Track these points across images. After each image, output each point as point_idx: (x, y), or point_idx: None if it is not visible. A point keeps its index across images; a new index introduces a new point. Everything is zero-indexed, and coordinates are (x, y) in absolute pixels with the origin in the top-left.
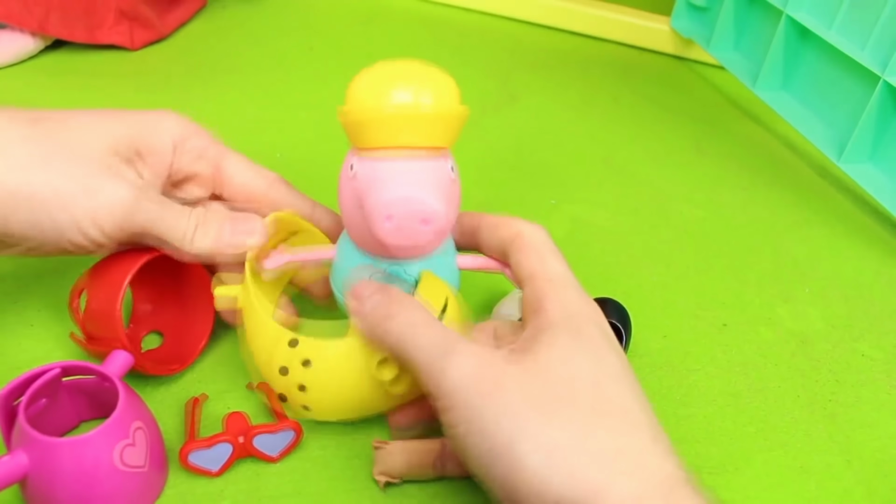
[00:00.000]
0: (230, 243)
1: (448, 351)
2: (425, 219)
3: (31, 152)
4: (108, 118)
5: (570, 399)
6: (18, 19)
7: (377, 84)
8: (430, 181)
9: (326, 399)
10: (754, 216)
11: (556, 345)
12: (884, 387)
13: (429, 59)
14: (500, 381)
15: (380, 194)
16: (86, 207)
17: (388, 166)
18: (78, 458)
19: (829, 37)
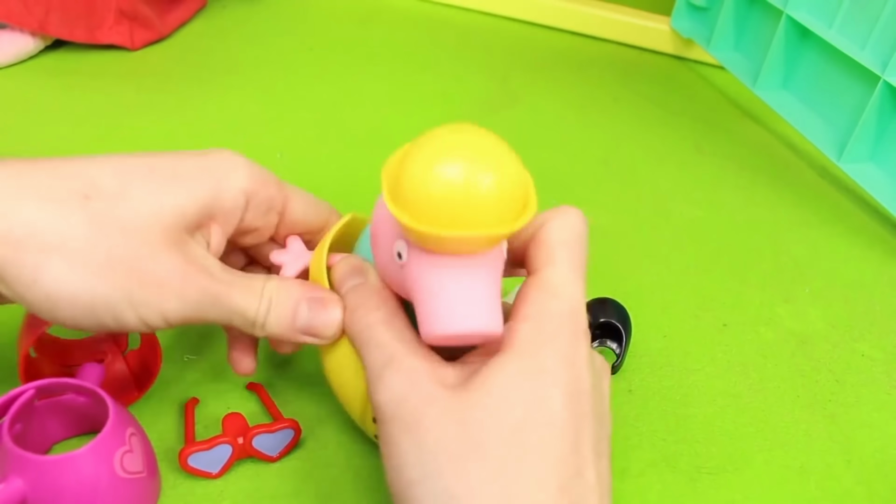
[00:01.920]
0: (305, 332)
1: (387, 363)
2: (484, 339)
3: (89, 249)
4: (170, 184)
5: (485, 446)
6: (18, 19)
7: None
8: (489, 297)
9: None
10: (754, 216)
11: (499, 377)
12: (884, 387)
13: (428, 59)
14: (421, 414)
15: (438, 319)
16: (153, 304)
17: (445, 275)
18: (80, 472)
19: (829, 36)
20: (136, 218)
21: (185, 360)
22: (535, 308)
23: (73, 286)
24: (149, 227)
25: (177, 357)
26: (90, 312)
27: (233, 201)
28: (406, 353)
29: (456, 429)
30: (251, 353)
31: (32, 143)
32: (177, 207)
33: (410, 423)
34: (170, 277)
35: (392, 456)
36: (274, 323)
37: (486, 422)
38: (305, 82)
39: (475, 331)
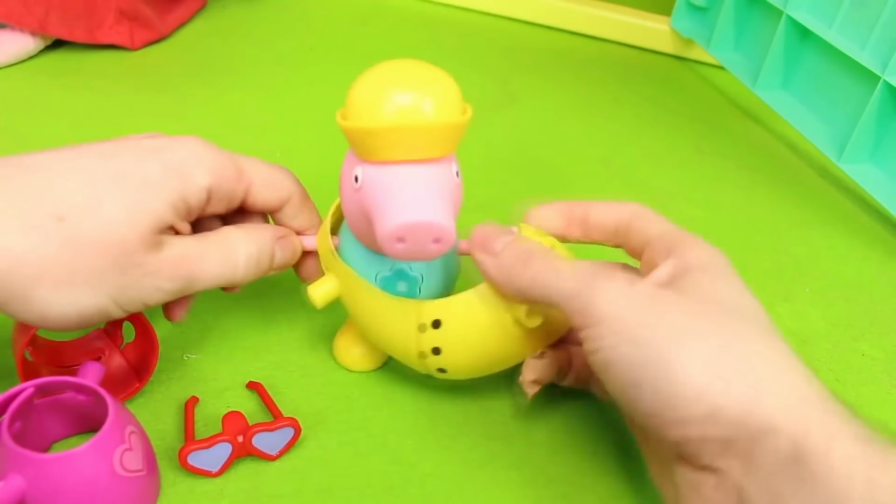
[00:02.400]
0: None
1: (596, 278)
2: (437, 238)
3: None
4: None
5: (721, 320)
6: (18, 19)
7: (380, 94)
8: (438, 195)
9: (463, 357)
10: (754, 216)
11: (700, 284)
12: (885, 386)
13: (429, 59)
14: (652, 302)
15: (389, 217)
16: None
17: (395, 178)
18: (79, 470)
19: (829, 37)
20: (110, 232)
21: (185, 358)
22: (690, 244)
23: (61, 306)
24: (124, 238)
25: (176, 356)
26: (82, 320)
27: (196, 198)
28: (609, 269)
29: (694, 305)
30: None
31: (32, 143)
32: (149, 214)
33: (646, 303)
34: (151, 277)
35: (625, 334)
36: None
37: (716, 301)
38: (305, 82)
39: (424, 221)
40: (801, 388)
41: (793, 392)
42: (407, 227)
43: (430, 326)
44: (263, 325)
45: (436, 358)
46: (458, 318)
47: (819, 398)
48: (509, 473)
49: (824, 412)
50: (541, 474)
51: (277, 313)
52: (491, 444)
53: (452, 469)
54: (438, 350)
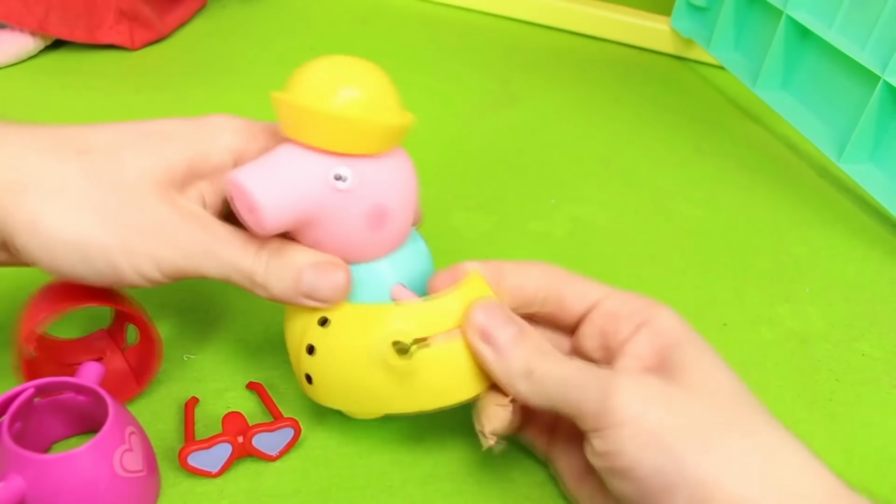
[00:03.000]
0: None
1: (611, 376)
2: (250, 208)
3: (85, 195)
4: (160, 143)
5: (731, 413)
6: (18, 19)
7: (299, 75)
8: (282, 174)
9: (330, 371)
10: (754, 216)
11: (698, 367)
12: (884, 386)
13: (429, 59)
14: (669, 398)
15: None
16: (146, 253)
17: (276, 149)
18: (79, 471)
19: (829, 37)
20: (127, 173)
21: (185, 359)
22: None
23: (68, 230)
24: (140, 181)
25: (177, 356)
26: (85, 258)
27: (219, 159)
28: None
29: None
30: None
31: None
32: (167, 164)
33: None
34: (161, 225)
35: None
36: (276, 285)
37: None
38: None
39: (236, 180)
40: (829, 486)
41: (824, 492)
42: (228, 181)
43: (317, 324)
44: (263, 325)
45: (308, 359)
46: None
47: (846, 493)
48: (510, 473)
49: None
50: (542, 474)
51: (278, 313)
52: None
53: (452, 469)
54: (312, 349)
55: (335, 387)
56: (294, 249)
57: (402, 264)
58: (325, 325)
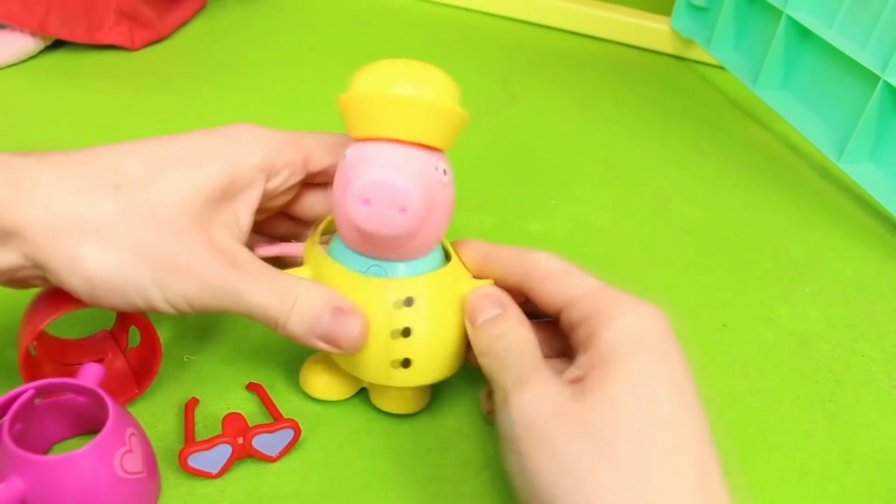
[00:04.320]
0: (325, 337)
1: (517, 384)
2: (402, 206)
3: (121, 235)
4: (193, 169)
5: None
6: (18, 19)
7: (378, 74)
8: (412, 168)
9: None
10: (754, 216)
11: (611, 386)
12: (884, 387)
13: (429, 59)
14: (553, 429)
15: (359, 178)
16: (179, 289)
17: (375, 150)
18: (80, 472)
19: (829, 37)
20: (162, 205)
21: (185, 360)
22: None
23: (106, 269)
24: (175, 213)
25: (177, 357)
26: (122, 293)
27: (250, 177)
28: (536, 373)
29: (588, 441)
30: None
31: (32, 144)
32: (201, 192)
33: (543, 439)
34: (194, 264)
35: (527, 472)
36: (295, 325)
37: (614, 429)
38: (305, 82)
39: (388, 180)
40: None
41: None
42: (372, 184)
43: (402, 304)
44: (263, 326)
45: (405, 342)
46: (430, 293)
47: None
48: None
49: None
50: None
51: None
52: (492, 446)
53: (453, 470)
54: (409, 331)
55: (439, 356)
56: (318, 290)
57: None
58: (411, 305)
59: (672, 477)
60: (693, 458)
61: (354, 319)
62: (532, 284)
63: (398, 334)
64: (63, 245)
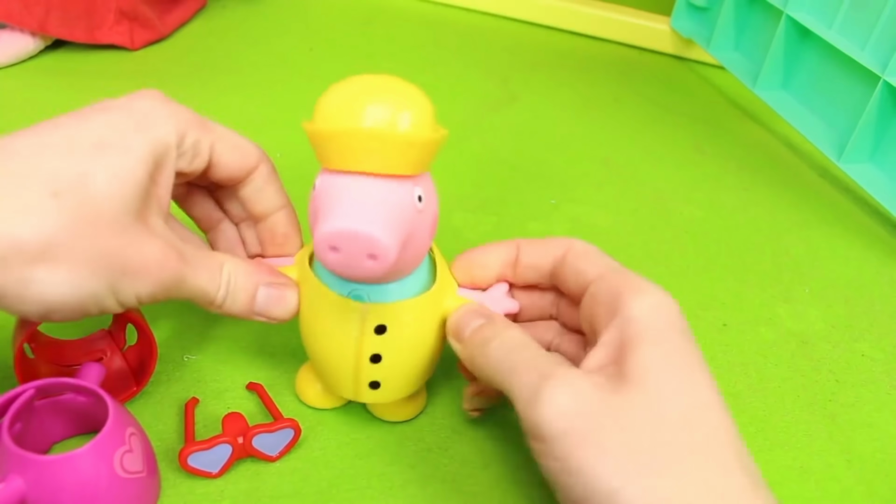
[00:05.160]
0: (261, 313)
1: (542, 382)
2: (372, 254)
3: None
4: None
5: (672, 445)
6: (18, 19)
7: (344, 100)
8: (383, 209)
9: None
10: (754, 216)
11: (652, 377)
12: (884, 387)
13: (429, 59)
14: (597, 422)
15: (324, 222)
16: (130, 288)
17: (343, 186)
18: (80, 472)
19: (829, 37)
20: (105, 204)
21: (185, 360)
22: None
23: (61, 290)
24: (118, 211)
25: (177, 357)
26: (80, 308)
27: (167, 157)
28: (558, 367)
29: (638, 428)
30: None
31: None
32: (138, 184)
33: (590, 429)
34: (148, 265)
35: (578, 471)
36: (231, 304)
37: (662, 415)
38: (305, 82)
39: (354, 230)
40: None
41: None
42: (337, 234)
43: (373, 332)
44: (264, 326)
45: (374, 367)
46: (404, 321)
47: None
48: (512, 474)
49: None
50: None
51: None
52: (492, 445)
53: (452, 470)
54: (378, 357)
55: (408, 378)
56: (250, 270)
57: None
58: (383, 333)
59: (720, 458)
60: (733, 438)
61: (286, 290)
62: (569, 260)
63: (367, 359)
64: (12, 270)
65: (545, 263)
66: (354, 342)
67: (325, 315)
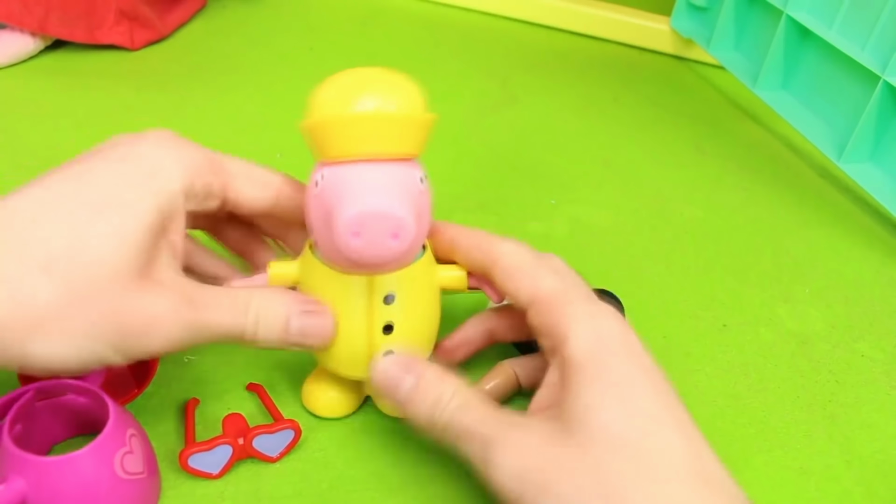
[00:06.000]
0: (297, 343)
1: (489, 446)
2: (395, 233)
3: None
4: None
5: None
6: (18, 19)
7: (340, 91)
8: (398, 190)
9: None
10: (754, 216)
11: (590, 409)
12: (884, 387)
13: (429, 59)
14: (548, 475)
15: (346, 208)
16: (139, 347)
17: (354, 174)
18: (80, 473)
19: (829, 37)
20: (101, 271)
21: (185, 360)
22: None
23: (61, 357)
24: (116, 273)
25: (177, 357)
26: (83, 368)
27: (175, 206)
28: (502, 429)
29: (591, 476)
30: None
31: (32, 144)
32: (139, 243)
33: (543, 487)
34: (155, 321)
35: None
36: (265, 336)
37: (608, 460)
38: (305, 82)
39: (381, 210)
40: None
41: None
42: (363, 216)
43: (383, 301)
44: None
45: (387, 337)
46: (408, 288)
47: None
48: None
49: None
50: None
51: None
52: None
53: (453, 470)
54: (391, 327)
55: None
56: (278, 299)
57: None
58: (392, 302)
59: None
60: (689, 456)
61: (322, 317)
62: (496, 277)
63: (381, 330)
64: (9, 340)
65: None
66: (365, 316)
67: (333, 295)
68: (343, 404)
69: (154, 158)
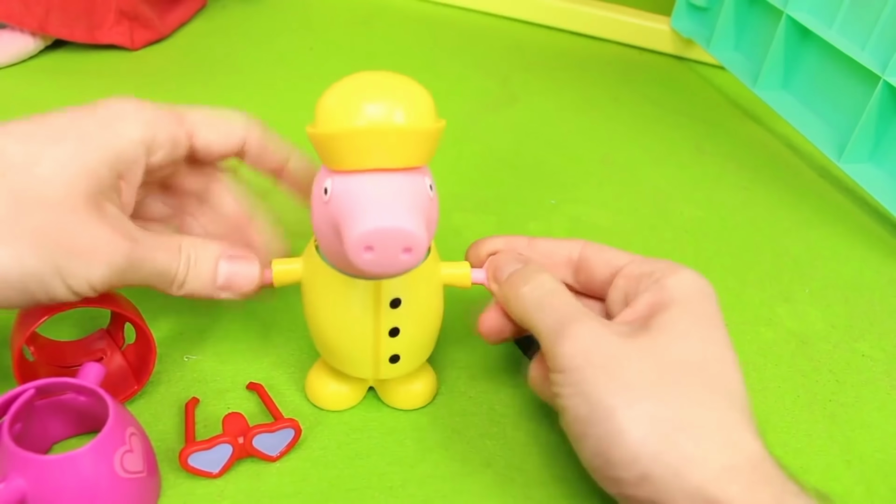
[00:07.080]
0: (224, 287)
1: (568, 321)
2: (408, 247)
3: (14, 225)
4: (78, 147)
5: (677, 379)
6: (18, 19)
7: (350, 100)
8: (410, 203)
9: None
10: (754, 216)
11: (673, 328)
12: (884, 387)
13: (429, 59)
14: (613, 356)
15: (358, 223)
16: (80, 272)
17: (365, 186)
18: (80, 472)
19: (829, 37)
20: (52, 186)
21: (186, 360)
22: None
23: (5, 265)
24: (67, 193)
25: (177, 357)
26: (22, 289)
27: (133, 154)
28: (583, 313)
29: (651, 366)
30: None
31: None
32: (88, 170)
33: (606, 361)
34: (96, 246)
35: (582, 387)
36: (193, 281)
37: (676, 360)
38: (305, 82)
39: (393, 226)
40: (733, 458)
41: (724, 462)
42: (375, 232)
43: (390, 306)
44: (264, 326)
45: (393, 341)
46: (414, 291)
47: (751, 468)
48: (510, 474)
49: (751, 483)
50: (544, 474)
51: (277, 314)
52: (491, 445)
53: (453, 469)
54: (397, 331)
55: (424, 347)
56: (209, 244)
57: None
58: (398, 306)
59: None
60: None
61: (249, 264)
62: (592, 255)
63: (387, 334)
64: None
65: (560, 256)
66: (372, 320)
67: (339, 299)
68: (347, 397)
69: (115, 110)
